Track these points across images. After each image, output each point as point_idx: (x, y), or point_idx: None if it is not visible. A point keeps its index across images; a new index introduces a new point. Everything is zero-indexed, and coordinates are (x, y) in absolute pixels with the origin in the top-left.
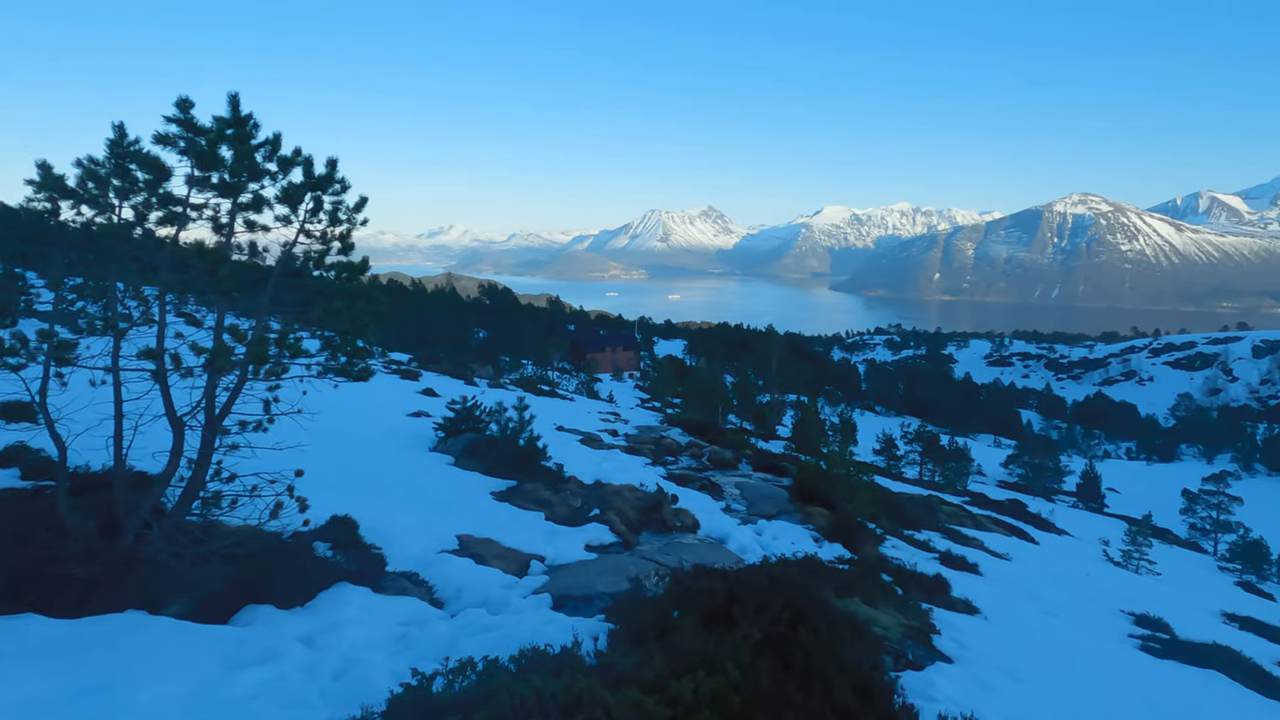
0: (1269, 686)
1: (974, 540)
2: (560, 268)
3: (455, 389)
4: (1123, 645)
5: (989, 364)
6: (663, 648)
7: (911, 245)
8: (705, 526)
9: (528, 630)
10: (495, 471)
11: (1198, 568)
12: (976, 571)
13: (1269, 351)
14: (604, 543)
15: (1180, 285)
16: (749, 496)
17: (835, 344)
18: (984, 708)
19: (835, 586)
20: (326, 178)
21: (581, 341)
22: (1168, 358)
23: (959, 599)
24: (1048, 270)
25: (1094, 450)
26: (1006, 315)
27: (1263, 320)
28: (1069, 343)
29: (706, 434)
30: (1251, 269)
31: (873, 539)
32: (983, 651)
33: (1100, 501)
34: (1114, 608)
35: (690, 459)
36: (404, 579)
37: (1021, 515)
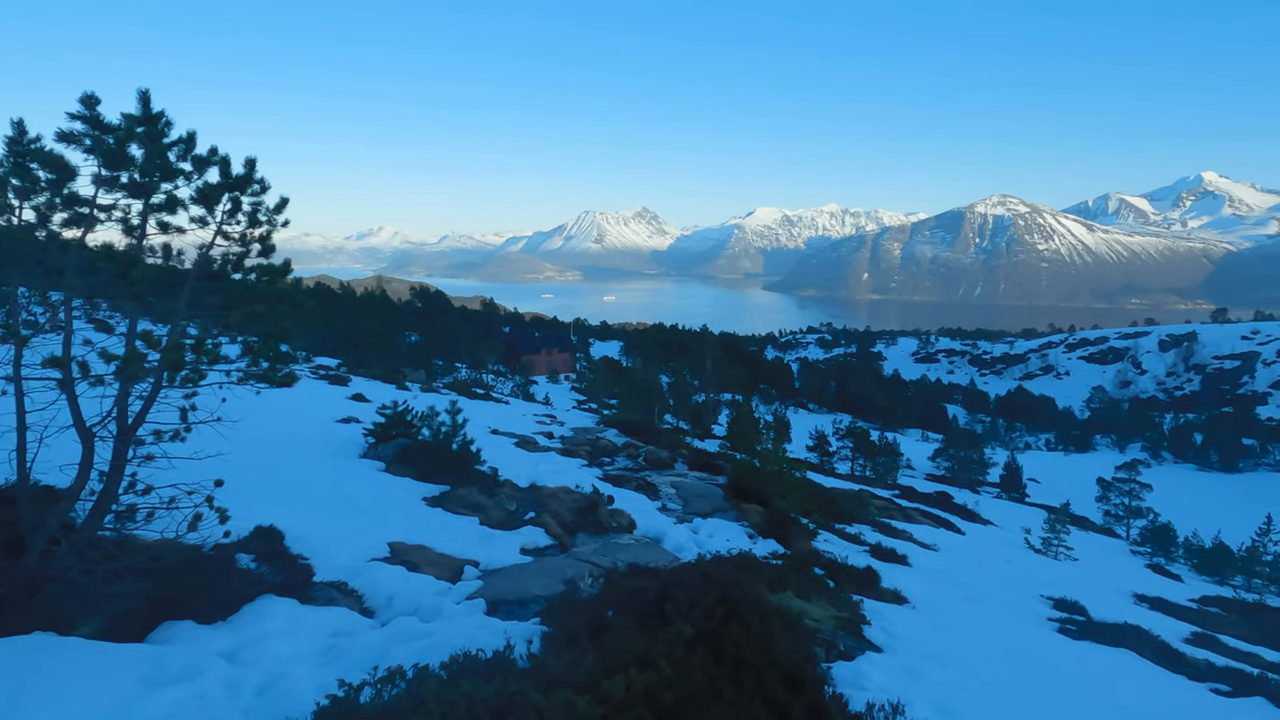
0: (1174, 662)
1: (903, 532)
2: (494, 269)
3: (386, 394)
4: (1042, 628)
5: (916, 361)
6: (596, 648)
7: (841, 246)
8: (641, 526)
9: (461, 636)
10: (428, 477)
11: (1112, 552)
12: (905, 563)
13: (1174, 345)
14: (539, 546)
15: (1093, 282)
16: (685, 495)
17: (769, 343)
18: (911, 694)
19: (769, 581)
20: (245, 178)
21: (517, 344)
22: (1082, 352)
23: (889, 590)
24: (970, 269)
25: (1016, 442)
26: (932, 313)
27: (1168, 315)
28: (991, 339)
29: (643, 434)
30: (1157, 267)
31: (806, 534)
32: (911, 640)
33: (1022, 492)
34: (1034, 593)
35: (627, 459)
36: (332, 589)
37: (948, 507)
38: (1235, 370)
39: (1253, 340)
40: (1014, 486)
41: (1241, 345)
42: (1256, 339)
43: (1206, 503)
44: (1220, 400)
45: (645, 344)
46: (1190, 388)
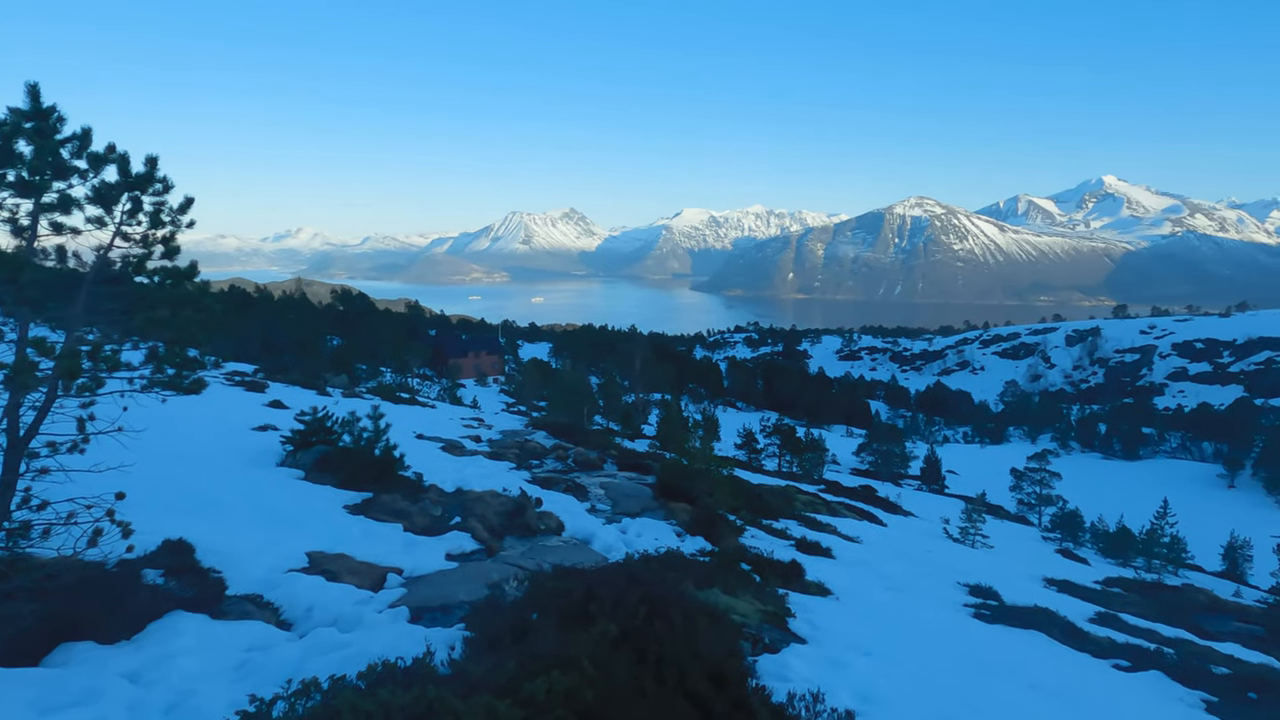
0: (1079, 641)
1: (828, 526)
2: (419, 271)
3: (306, 400)
4: (959, 614)
5: (840, 358)
6: (518, 651)
7: (767, 246)
8: (570, 528)
9: (382, 645)
10: (349, 484)
11: (1025, 539)
12: (830, 555)
13: (1079, 341)
14: (465, 551)
15: (1005, 281)
16: (614, 496)
17: (697, 343)
18: (834, 683)
19: (696, 578)
20: (146, 176)
21: (443, 346)
22: (996, 348)
23: (813, 582)
24: (890, 269)
25: (935, 436)
26: (855, 312)
27: (1074, 311)
28: (911, 337)
29: (572, 436)
30: (1063, 265)
31: (733, 530)
32: (834, 631)
33: (941, 483)
34: (952, 580)
35: (556, 461)
36: (247, 602)
37: (872, 500)
38: (1135, 363)
39: (1150, 335)
40: (934, 478)
41: (1140, 339)
42: (1153, 333)
43: (1110, 489)
44: (1122, 392)
45: (574, 345)
46: (1095, 380)
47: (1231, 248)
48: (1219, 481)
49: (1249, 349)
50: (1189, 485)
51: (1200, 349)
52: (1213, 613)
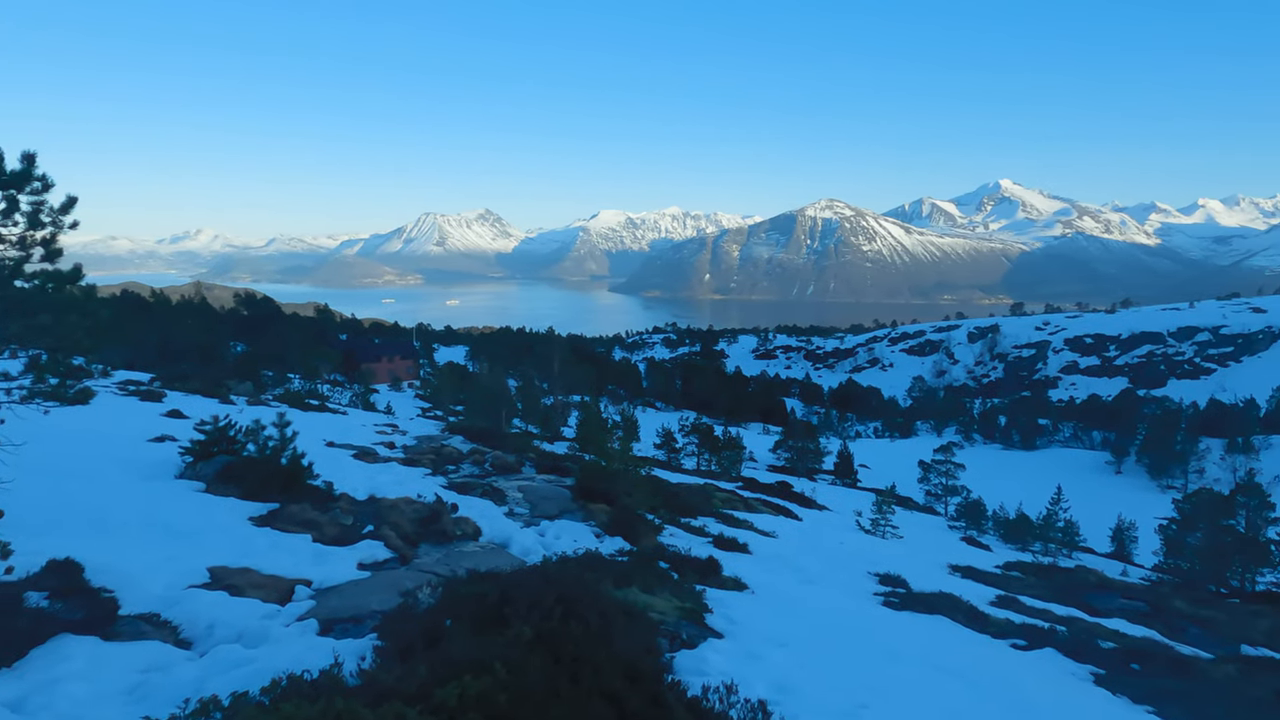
0: (981, 623)
1: (745, 522)
2: (328, 274)
3: (207, 409)
4: (870, 603)
5: (756, 357)
6: (430, 657)
7: (683, 248)
8: (488, 533)
9: (288, 659)
10: (254, 495)
11: (932, 528)
12: (746, 551)
13: (980, 337)
14: (378, 559)
15: (911, 280)
16: (532, 499)
17: (616, 344)
18: (750, 675)
19: (614, 578)
20: (22, 174)
21: (355, 351)
22: (904, 346)
23: (730, 578)
24: (803, 269)
25: (848, 431)
26: (770, 312)
27: (975, 310)
28: (824, 335)
29: (489, 440)
30: (965, 265)
31: (652, 529)
32: (751, 624)
33: (854, 477)
34: (863, 570)
35: (473, 466)
36: (142, 622)
37: (788, 495)
38: (1031, 358)
39: (1044, 331)
40: (847, 472)
41: (1035, 336)
42: (1048, 329)
43: (1010, 478)
44: (1020, 385)
45: (492, 348)
46: (995, 375)
47: (1116, 248)
48: (1107, 468)
49: (1132, 343)
50: (1081, 472)
51: (1089, 344)
52: (1101, 591)
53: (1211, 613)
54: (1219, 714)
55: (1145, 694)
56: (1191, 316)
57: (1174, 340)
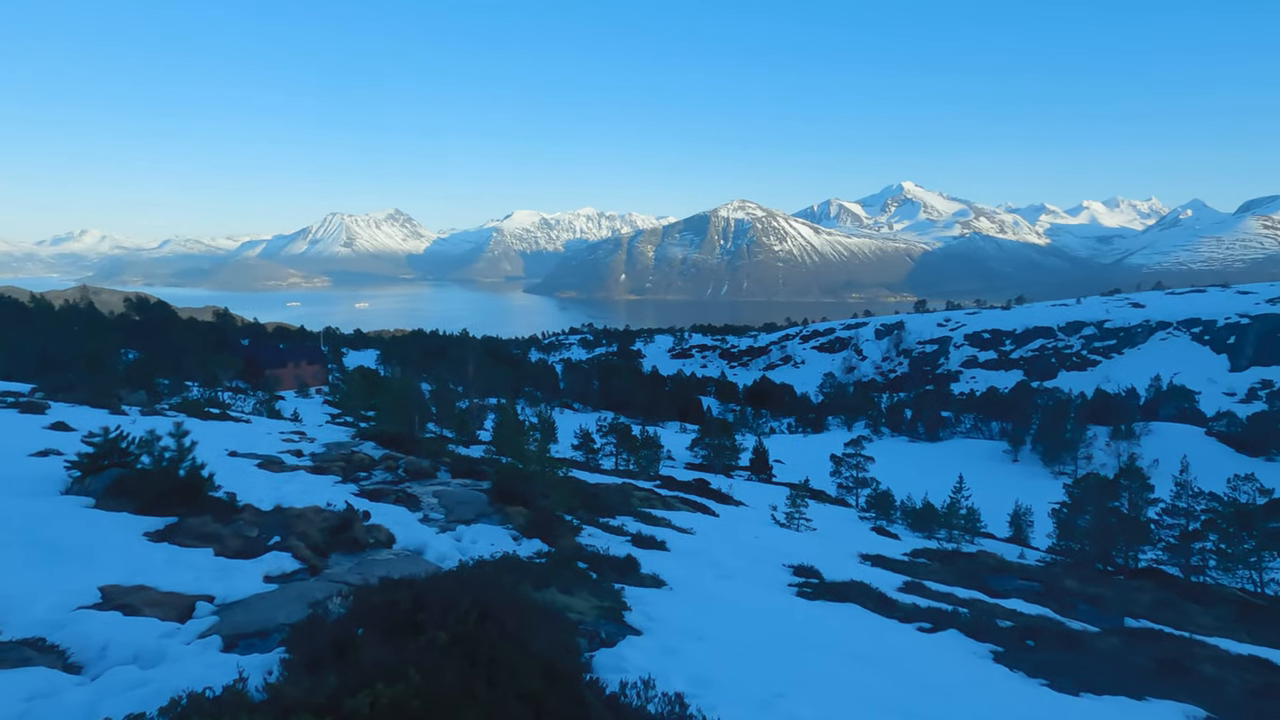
0: (889, 608)
1: (663, 520)
2: (228, 277)
3: (96, 420)
4: (784, 594)
5: (672, 357)
6: (341, 667)
7: (598, 248)
8: (402, 540)
9: (189, 678)
10: (150, 509)
11: (844, 520)
12: (664, 548)
13: (887, 334)
14: (286, 571)
15: (821, 279)
16: (447, 504)
17: (532, 345)
18: (668, 669)
19: (532, 580)
20: None
21: (259, 357)
22: (815, 343)
23: (648, 575)
24: (717, 269)
25: (762, 428)
26: (685, 311)
27: (881, 307)
28: (738, 334)
29: (403, 445)
30: (871, 264)
31: (571, 530)
32: (669, 620)
33: (769, 472)
34: (778, 563)
35: (385, 472)
36: (26, 647)
37: (705, 492)
38: (934, 353)
39: (946, 327)
40: (762, 468)
41: (937, 332)
42: (949, 326)
43: (917, 469)
44: (924, 379)
45: (404, 351)
46: (901, 370)
47: (1010, 247)
48: (1005, 457)
49: (1026, 338)
50: (981, 461)
51: (987, 339)
52: (1000, 574)
53: (1099, 589)
54: (1104, 682)
55: (1039, 668)
56: (1079, 312)
57: (1063, 334)
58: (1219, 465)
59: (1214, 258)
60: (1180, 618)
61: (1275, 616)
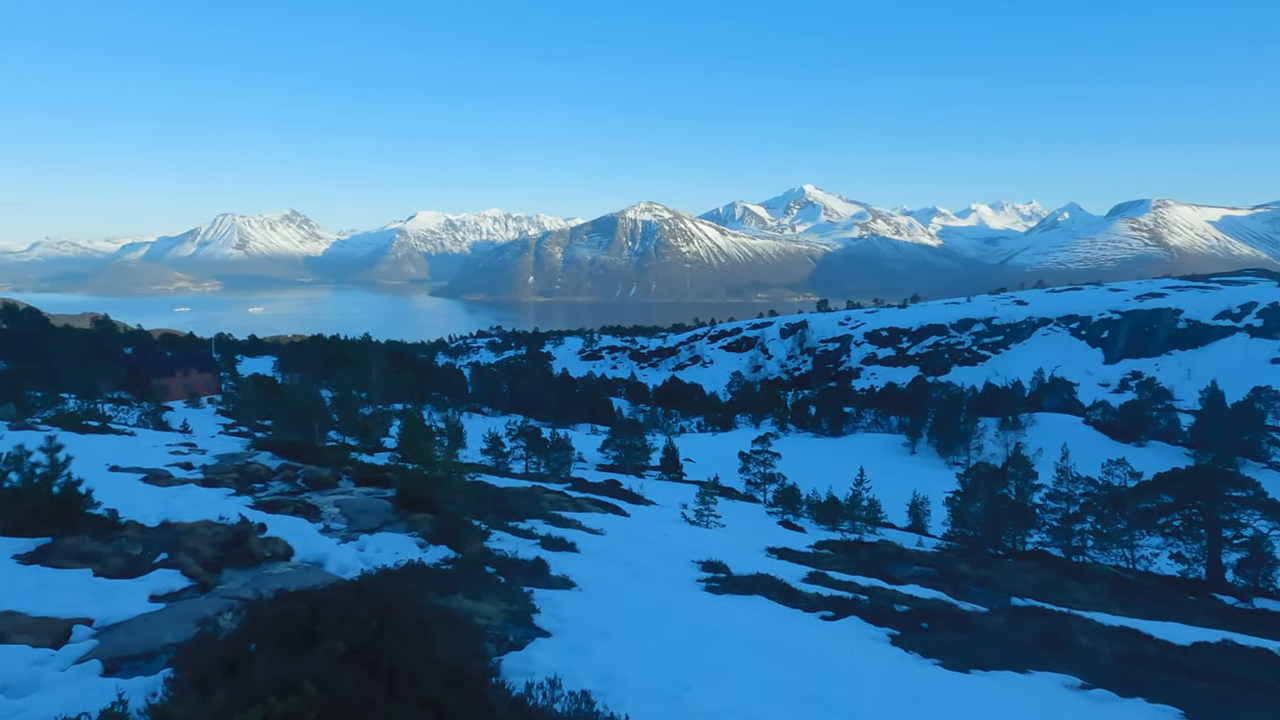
0: (793, 599)
1: (574, 522)
2: (108, 281)
3: None
4: (692, 589)
5: (582, 359)
6: (231, 683)
7: (506, 250)
8: (301, 551)
9: (63, 705)
10: (20, 530)
11: (752, 515)
12: (574, 549)
13: (791, 333)
14: (174, 589)
15: (727, 280)
16: (350, 513)
17: (439, 349)
18: (577, 669)
19: (438, 587)
20: None
21: (144, 366)
22: (723, 343)
23: (558, 577)
24: (626, 271)
25: (673, 427)
26: (594, 313)
27: (785, 307)
28: (647, 335)
29: (302, 455)
30: (775, 265)
31: (479, 535)
32: (578, 620)
33: (680, 471)
34: (687, 560)
35: (283, 483)
36: None
37: (616, 493)
38: (836, 351)
39: (847, 326)
40: (673, 467)
41: (839, 330)
42: (849, 324)
43: (821, 463)
44: (827, 376)
45: (303, 357)
46: (805, 368)
47: (905, 248)
48: (903, 449)
49: (921, 335)
50: (881, 454)
51: (885, 336)
52: (898, 561)
53: (989, 572)
54: (991, 659)
55: (932, 648)
56: (969, 310)
57: (955, 331)
58: (1095, 451)
59: (1089, 257)
60: (1061, 595)
61: (1144, 590)
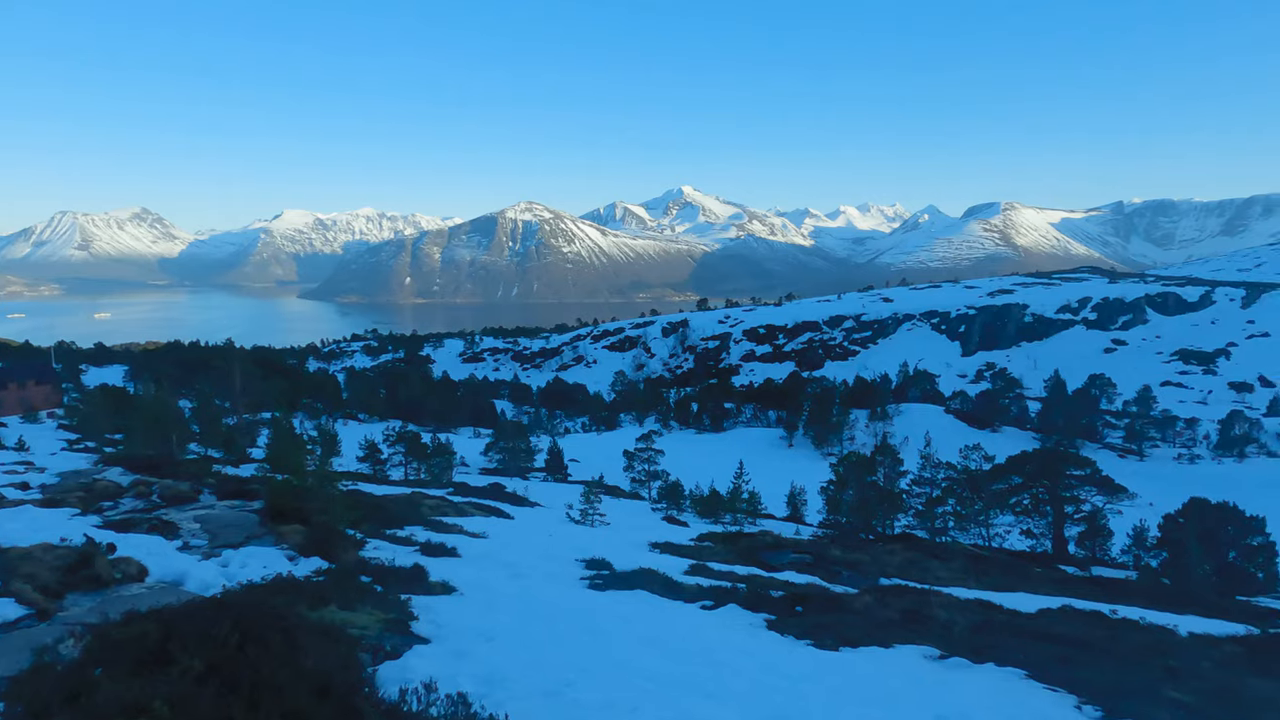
0: (675, 591)
1: (455, 527)
2: None
3: None
4: (575, 588)
5: (464, 361)
6: (72, 713)
7: (381, 250)
8: (157, 571)
9: None
10: None
11: (637, 512)
12: (455, 554)
13: (673, 332)
14: (8, 619)
15: (609, 280)
16: (212, 528)
17: (311, 354)
18: (457, 672)
19: (309, 599)
20: None
21: None
22: (606, 343)
23: (438, 582)
24: (507, 271)
25: (557, 428)
26: (475, 314)
27: (667, 306)
28: (530, 336)
29: (158, 469)
30: (656, 265)
31: (353, 545)
32: (458, 625)
33: (565, 472)
34: (571, 558)
35: (136, 500)
36: None
37: (500, 496)
38: (716, 348)
39: (726, 324)
40: (558, 468)
41: (719, 328)
42: (729, 323)
43: (704, 458)
44: (708, 374)
45: (159, 365)
46: (687, 365)
47: (780, 248)
48: (781, 442)
49: (796, 332)
50: (761, 448)
51: (763, 333)
52: (776, 550)
53: (860, 555)
54: (859, 636)
55: (806, 630)
56: (840, 307)
57: (828, 328)
58: (955, 438)
59: (947, 256)
60: (924, 573)
61: (997, 564)
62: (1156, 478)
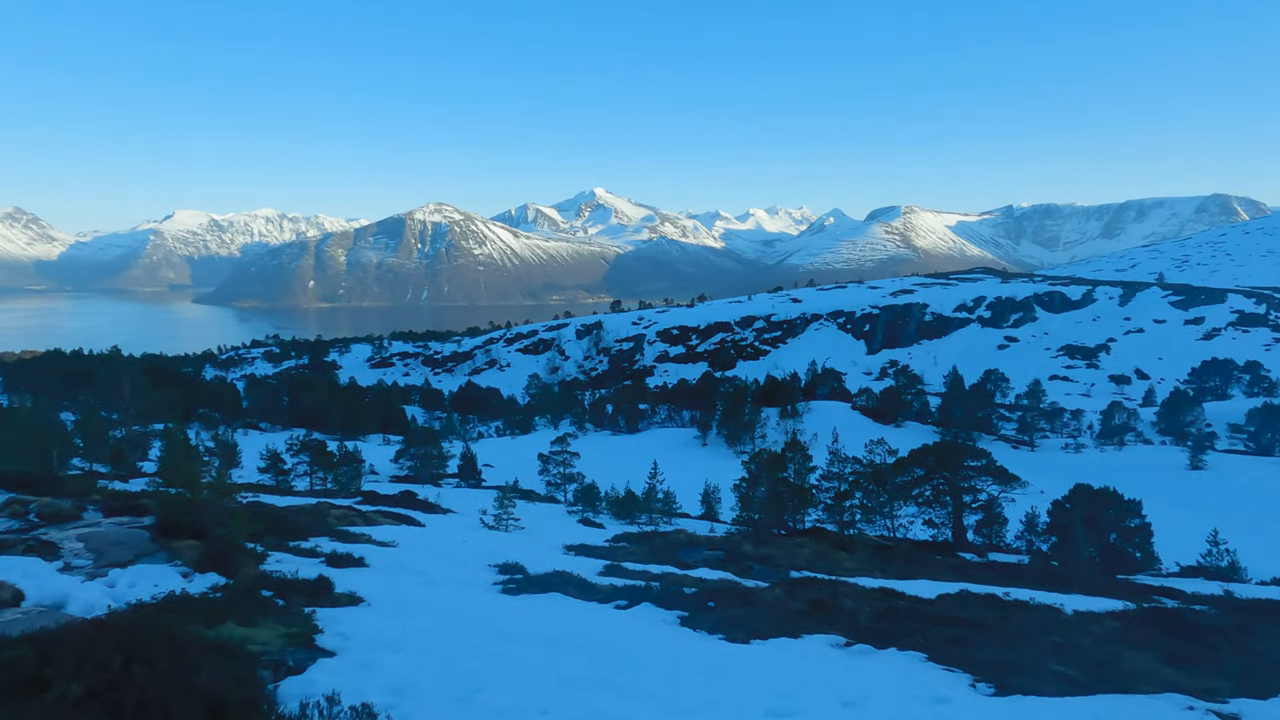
0: (589, 592)
1: (363, 536)
2: None
3: None
4: (488, 593)
5: (372, 366)
6: None
7: (282, 253)
8: (34, 595)
9: None
10: None
11: (553, 516)
12: (363, 564)
13: (587, 334)
14: None
15: (522, 282)
16: (97, 547)
17: (207, 362)
18: (364, 684)
19: (205, 616)
20: None
21: None
22: (519, 345)
23: (344, 594)
24: (416, 274)
25: (470, 433)
26: (383, 318)
27: (580, 308)
28: (441, 340)
29: (35, 487)
30: (569, 267)
31: (254, 559)
32: (365, 636)
33: (479, 478)
34: (484, 564)
35: (11, 519)
36: None
37: (411, 504)
38: (630, 350)
39: (640, 325)
40: (471, 474)
41: (633, 330)
42: (642, 324)
43: (619, 460)
44: (622, 375)
45: (36, 376)
46: (601, 368)
47: (692, 250)
48: (695, 442)
49: (709, 332)
50: (676, 448)
51: (676, 335)
52: (690, 547)
53: (771, 550)
54: (769, 628)
55: (718, 624)
56: (750, 308)
57: (739, 328)
58: (861, 433)
59: (851, 258)
60: (832, 565)
61: (900, 553)
62: (1046, 466)
